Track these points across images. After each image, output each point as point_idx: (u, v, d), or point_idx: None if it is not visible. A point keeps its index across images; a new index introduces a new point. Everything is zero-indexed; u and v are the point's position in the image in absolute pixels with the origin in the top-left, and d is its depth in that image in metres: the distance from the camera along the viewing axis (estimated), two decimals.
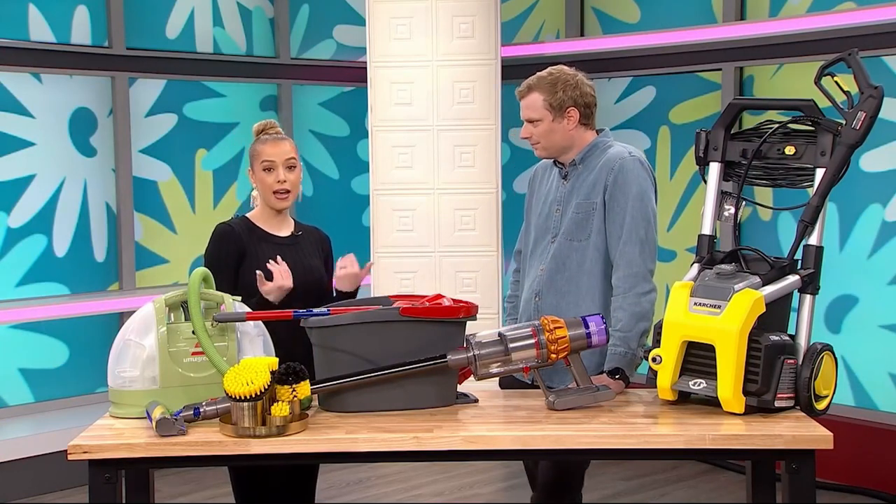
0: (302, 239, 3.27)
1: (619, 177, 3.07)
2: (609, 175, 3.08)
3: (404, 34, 5.43)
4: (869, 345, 5.02)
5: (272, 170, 3.15)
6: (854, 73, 2.76)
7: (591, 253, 3.10)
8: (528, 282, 3.24)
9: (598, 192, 3.09)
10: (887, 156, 4.92)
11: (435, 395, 2.80)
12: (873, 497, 4.79)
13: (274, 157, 3.15)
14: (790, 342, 2.69)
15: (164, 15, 5.68)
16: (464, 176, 5.45)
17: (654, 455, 2.59)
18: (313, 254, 3.28)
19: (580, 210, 3.12)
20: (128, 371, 2.70)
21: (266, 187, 3.16)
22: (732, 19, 5.45)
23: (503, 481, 5.05)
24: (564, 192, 3.18)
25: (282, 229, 3.24)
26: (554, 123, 3.13)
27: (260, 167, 3.15)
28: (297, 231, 3.28)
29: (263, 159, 3.15)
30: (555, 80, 3.13)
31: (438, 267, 5.44)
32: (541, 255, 3.21)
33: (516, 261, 3.42)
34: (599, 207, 3.09)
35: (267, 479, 3.17)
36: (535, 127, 3.14)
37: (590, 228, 3.10)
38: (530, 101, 3.14)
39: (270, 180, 3.15)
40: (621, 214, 3.06)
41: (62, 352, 5.39)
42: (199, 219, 5.83)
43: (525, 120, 3.16)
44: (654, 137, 5.92)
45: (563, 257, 3.14)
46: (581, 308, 3.06)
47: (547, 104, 3.12)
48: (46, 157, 5.30)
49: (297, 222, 3.31)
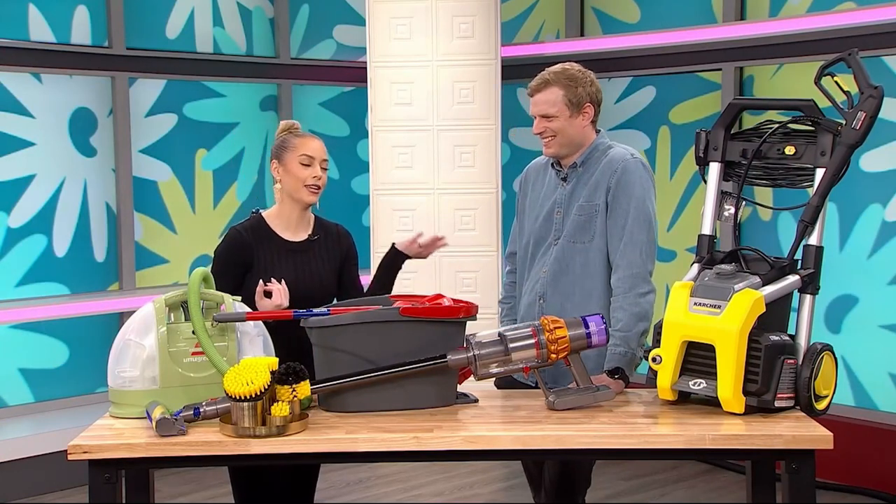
0: (317, 243, 3.20)
1: (622, 178, 3.07)
2: (612, 177, 3.08)
3: (404, 34, 5.43)
4: (869, 345, 5.02)
5: (310, 165, 3.12)
6: (854, 73, 2.76)
7: (595, 255, 3.10)
8: (530, 285, 3.22)
9: (601, 194, 3.09)
10: (887, 156, 4.92)
11: (435, 395, 2.80)
12: (873, 497, 4.79)
13: (314, 152, 3.13)
14: (790, 342, 2.69)
15: (164, 15, 5.68)
16: (464, 176, 5.45)
17: (654, 455, 2.59)
18: (328, 259, 3.21)
19: (582, 212, 3.11)
20: (128, 371, 2.70)
21: (299, 181, 3.12)
22: (732, 19, 5.45)
23: (503, 481, 5.04)
24: (565, 195, 3.17)
25: (298, 231, 3.18)
26: (570, 119, 3.11)
27: (297, 160, 3.11)
28: (315, 234, 3.21)
29: (303, 153, 3.11)
30: (574, 75, 3.11)
31: (438, 267, 5.43)
32: (542, 258, 3.19)
33: (510, 262, 3.39)
34: (602, 209, 3.09)
35: (266, 479, 3.16)
36: (550, 122, 3.11)
37: (593, 230, 3.10)
38: (548, 95, 3.10)
39: (306, 174, 3.11)
40: (623, 216, 3.06)
41: (62, 352, 5.39)
42: (199, 219, 5.84)
43: (538, 115, 3.11)
44: (654, 137, 5.92)
45: (566, 259, 3.13)
46: (586, 310, 3.04)
47: (566, 100, 3.10)
48: (46, 157, 5.29)
49: (318, 220, 3.25)
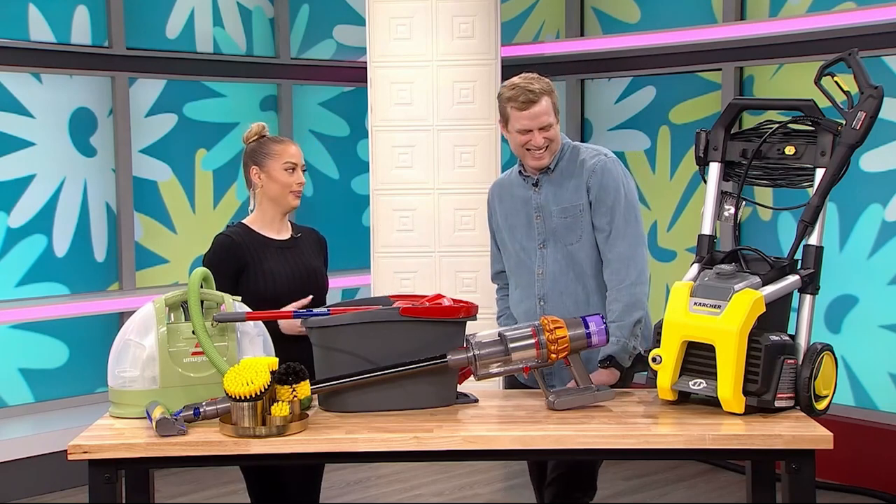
0: (301, 241, 3.28)
1: (602, 179, 3.13)
2: (591, 177, 3.14)
3: (404, 34, 5.43)
4: (869, 345, 5.02)
5: (294, 170, 3.19)
6: (854, 73, 2.76)
7: (587, 252, 3.15)
8: (525, 292, 3.25)
9: (582, 195, 3.14)
10: (887, 156, 4.92)
11: (435, 395, 2.80)
12: (873, 497, 4.79)
13: (296, 158, 3.20)
14: (790, 342, 2.69)
15: (164, 15, 5.67)
16: (464, 176, 5.45)
17: (654, 455, 2.59)
18: (313, 255, 3.30)
19: (567, 214, 3.16)
20: (128, 371, 2.70)
21: (284, 187, 3.18)
22: (732, 19, 5.45)
23: (503, 481, 5.04)
24: (540, 200, 3.20)
25: (281, 232, 3.25)
26: (557, 126, 3.18)
27: (281, 167, 3.17)
28: (296, 233, 3.29)
29: (286, 160, 3.18)
30: (549, 82, 3.18)
31: (438, 267, 5.43)
32: (532, 263, 3.22)
33: (498, 281, 3.44)
34: (586, 208, 3.14)
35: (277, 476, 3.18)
36: (548, 132, 3.14)
37: (580, 230, 3.15)
38: (545, 107, 3.11)
39: (291, 180, 3.18)
40: (608, 214, 3.12)
41: (62, 352, 5.39)
42: (199, 219, 5.83)
43: (538, 128, 3.12)
44: (654, 137, 5.92)
45: (562, 260, 3.17)
46: (591, 306, 3.13)
47: (554, 107, 3.16)
48: (46, 157, 5.29)
49: (293, 224, 3.33)
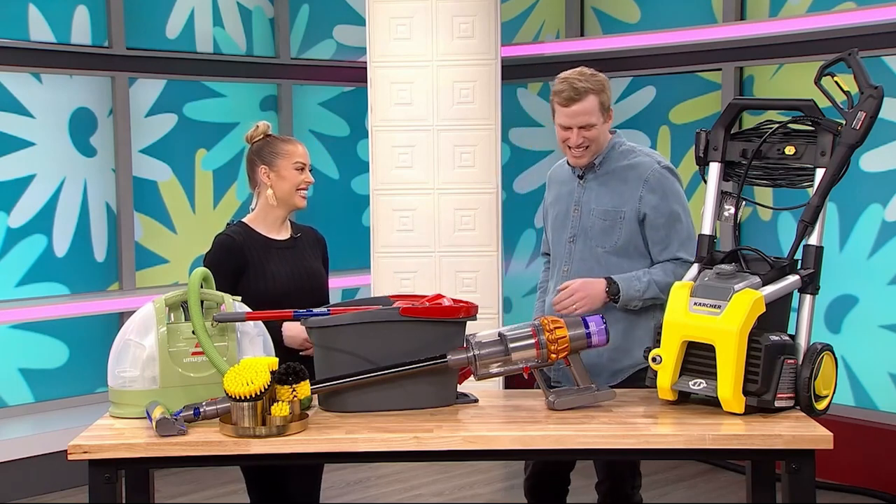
0: (301, 241, 3.29)
1: (657, 188, 3.12)
2: (643, 186, 3.13)
3: (404, 34, 5.43)
4: (869, 345, 5.02)
5: (303, 169, 3.22)
6: (854, 73, 2.76)
7: (616, 260, 3.15)
8: (553, 282, 3.28)
9: (628, 202, 3.13)
10: (887, 156, 4.92)
11: (435, 395, 2.79)
12: (873, 497, 4.78)
13: (305, 158, 3.24)
14: (790, 342, 2.69)
15: (164, 15, 5.67)
16: (464, 176, 5.45)
17: (654, 455, 2.59)
18: (313, 255, 3.30)
19: (607, 218, 3.15)
20: (128, 371, 2.70)
21: (293, 185, 3.21)
22: (732, 19, 5.45)
23: (503, 481, 5.04)
24: (582, 195, 3.21)
25: (281, 232, 3.26)
26: (603, 126, 3.14)
27: (291, 166, 3.20)
28: (296, 233, 3.30)
29: (297, 159, 3.21)
30: (601, 80, 3.13)
31: (438, 267, 5.43)
32: (561, 256, 3.25)
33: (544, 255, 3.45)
34: (630, 217, 3.13)
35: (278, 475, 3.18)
36: (588, 132, 3.11)
37: (617, 236, 3.15)
38: (588, 105, 3.08)
39: (300, 179, 3.21)
40: (666, 227, 3.12)
41: (62, 352, 5.39)
42: (199, 219, 5.83)
43: (577, 126, 3.09)
44: (654, 137, 5.92)
45: (591, 261, 3.18)
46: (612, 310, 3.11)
47: (602, 107, 3.12)
48: (46, 157, 5.29)
49: (293, 224, 3.33)
